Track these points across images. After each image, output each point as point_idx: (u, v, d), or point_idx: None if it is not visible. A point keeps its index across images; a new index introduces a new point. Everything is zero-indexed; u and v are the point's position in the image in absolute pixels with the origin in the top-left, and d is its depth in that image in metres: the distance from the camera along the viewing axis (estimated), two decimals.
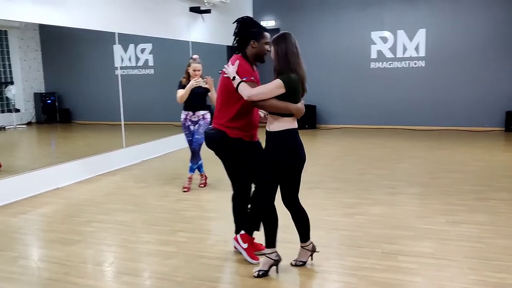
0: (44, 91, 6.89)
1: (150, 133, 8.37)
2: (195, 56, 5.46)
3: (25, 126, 6.73)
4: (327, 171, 6.53)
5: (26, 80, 6.60)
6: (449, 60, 10.22)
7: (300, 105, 3.12)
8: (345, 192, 5.39)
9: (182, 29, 8.83)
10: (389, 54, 10.67)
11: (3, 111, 6.36)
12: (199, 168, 5.75)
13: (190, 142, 5.57)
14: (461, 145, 8.35)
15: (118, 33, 7.06)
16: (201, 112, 5.53)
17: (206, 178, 5.86)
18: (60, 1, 5.94)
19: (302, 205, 3.32)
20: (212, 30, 9.83)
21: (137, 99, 8.03)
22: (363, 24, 10.78)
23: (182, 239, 3.99)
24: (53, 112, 7.16)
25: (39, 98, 6.90)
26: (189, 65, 5.39)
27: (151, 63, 8.45)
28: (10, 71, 6.28)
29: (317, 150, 8.57)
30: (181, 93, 5.32)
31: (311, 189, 5.53)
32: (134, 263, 3.52)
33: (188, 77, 5.38)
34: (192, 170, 5.64)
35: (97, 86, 7.76)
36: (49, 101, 7.05)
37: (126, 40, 7.63)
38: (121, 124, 7.25)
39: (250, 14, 11.77)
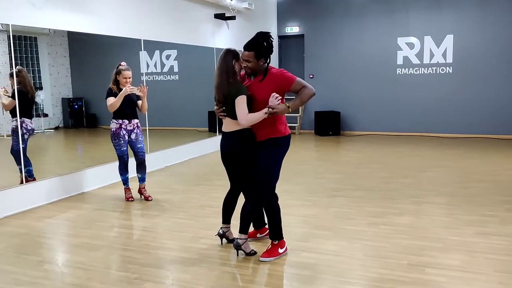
0: (71, 97, 7.01)
1: (174, 139, 8.42)
2: (123, 63, 5.26)
3: (52, 130, 6.84)
4: (350, 179, 6.43)
5: (55, 86, 6.72)
6: (477, 67, 10.00)
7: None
8: (370, 201, 5.29)
9: (207, 36, 8.88)
10: (415, 60, 10.51)
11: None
12: (144, 179, 5.58)
13: (124, 152, 5.36)
14: (491, 154, 8.12)
15: (144, 39, 7.15)
16: (135, 121, 5.42)
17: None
18: (88, 9, 6.05)
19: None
20: (237, 37, 9.85)
21: (162, 105, 8.10)
22: (389, 29, 10.64)
23: (204, 246, 3.97)
24: (80, 117, 7.27)
25: (67, 103, 7.01)
26: (119, 73, 5.17)
27: (176, 69, 8.51)
28: (39, 77, 6.40)
29: (341, 157, 8.47)
30: (113, 101, 5.11)
31: (333, 197, 5.46)
32: (156, 269, 3.52)
33: (117, 85, 5.21)
34: (127, 181, 5.52)
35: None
36: (76, 106, 7.16)
37: (152, 46, 7.72)
38: (146, 130, 7.31)
39: (275, 21, 11.78)
